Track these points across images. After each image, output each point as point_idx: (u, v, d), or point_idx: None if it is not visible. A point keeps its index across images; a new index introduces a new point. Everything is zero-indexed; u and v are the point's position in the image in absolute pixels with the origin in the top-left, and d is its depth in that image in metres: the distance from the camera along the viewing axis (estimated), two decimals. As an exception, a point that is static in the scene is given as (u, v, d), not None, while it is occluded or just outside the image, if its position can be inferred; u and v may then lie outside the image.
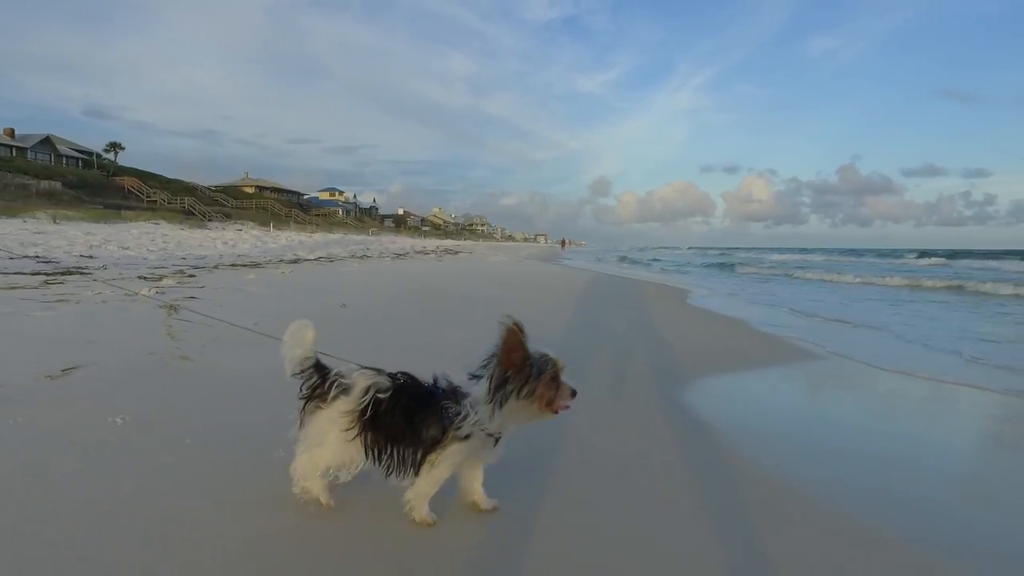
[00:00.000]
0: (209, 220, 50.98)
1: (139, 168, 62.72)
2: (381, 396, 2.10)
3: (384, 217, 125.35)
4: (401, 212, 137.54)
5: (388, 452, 2.12)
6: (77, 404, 3.25)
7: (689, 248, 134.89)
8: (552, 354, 2.15)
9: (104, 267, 9.82)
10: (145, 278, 8.99)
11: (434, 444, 2.11)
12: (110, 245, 12.54)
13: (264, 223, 56.88)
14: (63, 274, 8.89)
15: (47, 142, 56.43)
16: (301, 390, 2.18)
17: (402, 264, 15.60)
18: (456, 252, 26.51)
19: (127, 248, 12.39)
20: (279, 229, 55.16)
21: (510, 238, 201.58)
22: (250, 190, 78.59)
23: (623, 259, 43.10)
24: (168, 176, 66.08)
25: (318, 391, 2.15)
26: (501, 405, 2.08)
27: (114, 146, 62.96)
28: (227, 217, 56.89)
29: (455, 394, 2.14)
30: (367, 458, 2.13)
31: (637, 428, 3.57)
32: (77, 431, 2.87)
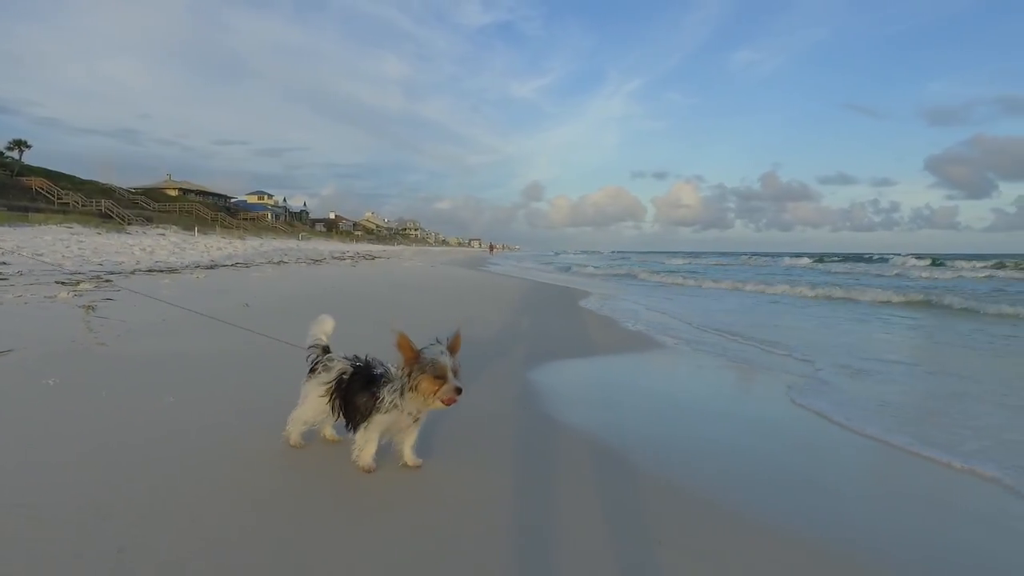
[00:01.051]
0: (129, 224, 49.40)
1: (48, 168, 59.76)
2: (345, 376, 3.04)
3: (315, 221, 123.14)
4: (333, 216, 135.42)
5: (344, 412, 3.04)
6: (15, 374, 4.39)
7: (612, 252, 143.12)
8: (442, 357, 2.76)
9: (20, 273, 10.50)
10: (63, 283, 9.80)
11: (366, 413, 2.93)
12: (23, 251, 13.06)
13: (188, 227, 55.54)
14: (-20, 279, 9.59)
15: (-61, 138, 52.95)
16: (308, 363, 3.19)
17: (315, 269, 16.61)
18: (373, 258, 27.45)
19: (42, 255, 12.93)
20: (204, 234, 54.10)
21: (444, 243, 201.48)
22: (173, 193, 76.15)
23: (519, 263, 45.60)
24: (82, 177, 63.17)
25: (315, 366, 3.15)
26: (402, 394, 2.81)
27: (18, 144, 59.52)
28: (148, 221, 55.11)
29: (387, 379, 2.89)
30: (335, 415, 3.07)
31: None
32: (18, 390, 4.05)
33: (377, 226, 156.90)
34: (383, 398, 2.86)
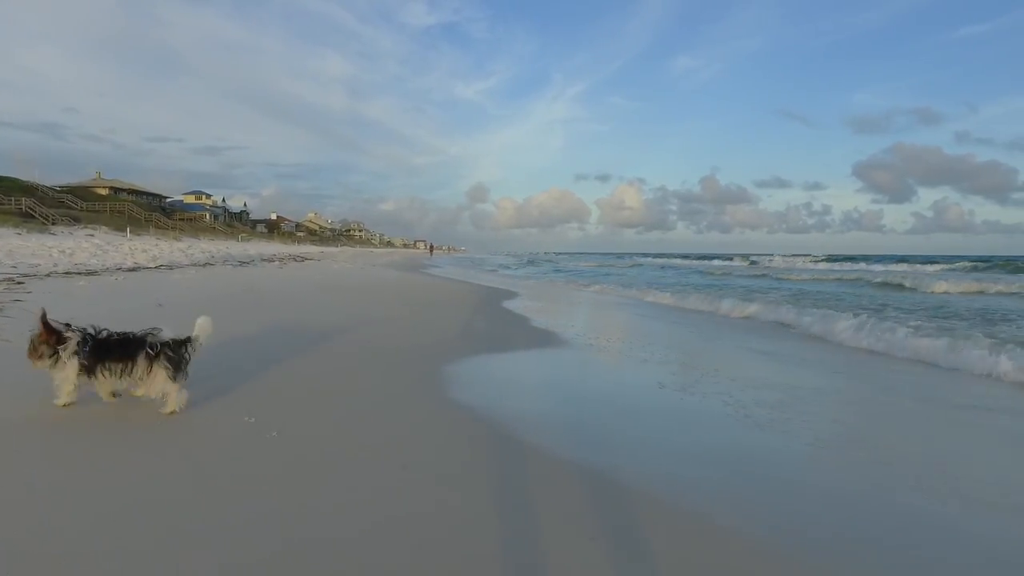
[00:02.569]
0: (53, 223, 47.75)
1: (-37, 165, 56.95)
2: None
3: (256, 222, 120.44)
4: (274, 217, 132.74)
5: None
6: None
7: (557, 253, 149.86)
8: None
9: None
10: (-27, 284, 10.11)
11: None
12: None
13: (120, 228, 53.91)
14: None
15: None
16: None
17: (240, 271, 17.04)
18: (303, 259, 27.76)
19: (-46, 256, 13.02)
20: (137, 235, 52.60)
21: (389, 244, 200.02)
22: (103, 191, 73.43)
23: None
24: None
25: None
26: None
27: (-69, 139, 56.60)
28: (76, 221, 53.24)
29: None
30: None
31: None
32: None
33: (320, 227, 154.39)
34: None
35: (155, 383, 4.07)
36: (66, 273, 12.97)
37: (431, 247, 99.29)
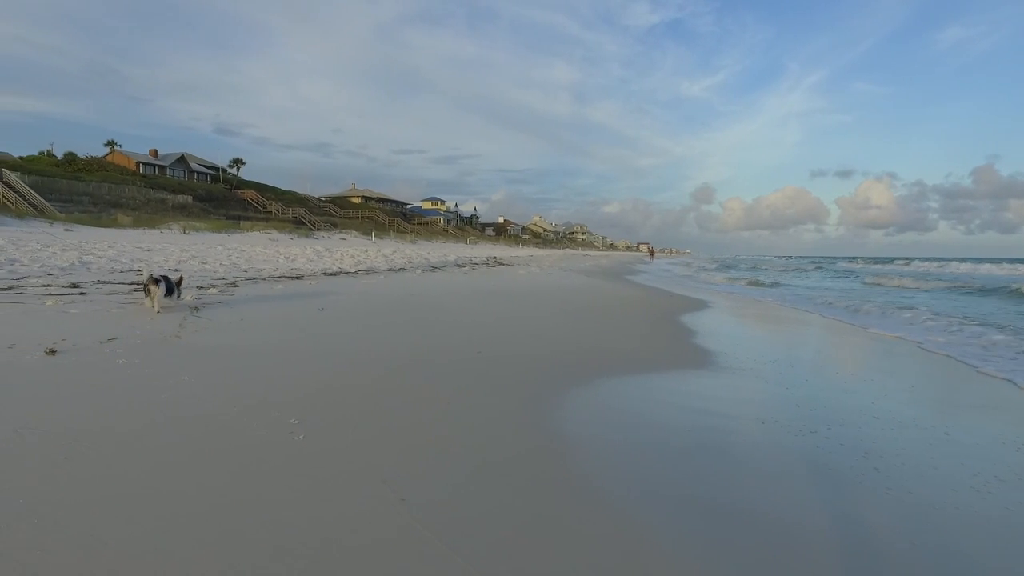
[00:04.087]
0: (317, 229, 56.65)
1: (258, 181, 70.59)
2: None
3: (485, 226, 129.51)
4: (502, 221, 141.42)
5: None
6: (105, 358, 5.95)
7: (778, 256, 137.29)
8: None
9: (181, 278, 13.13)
10: (200, 287, 12.14)
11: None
12: (193, 261, 16.13)
13: (366, 232, 62.15)
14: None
15: (182, 160, 65.48)
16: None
17: (425, 276, 18.16)
18: (496, 263, 28.62)
19: (205, 263, 15.87)
20: (380, 237, 60.16)
21: (612, 247, 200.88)
22: (356, 200, 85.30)
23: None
24: (283, 188, 73.53)
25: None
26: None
27: (237, 162, 71.54)
28: (334, 226, 62.63)
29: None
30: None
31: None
32: (93, 370, 5.54)
33: (544, 230, 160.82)
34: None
35: None
36: (279, 277, 14.98)
37: (651, 250, 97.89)
